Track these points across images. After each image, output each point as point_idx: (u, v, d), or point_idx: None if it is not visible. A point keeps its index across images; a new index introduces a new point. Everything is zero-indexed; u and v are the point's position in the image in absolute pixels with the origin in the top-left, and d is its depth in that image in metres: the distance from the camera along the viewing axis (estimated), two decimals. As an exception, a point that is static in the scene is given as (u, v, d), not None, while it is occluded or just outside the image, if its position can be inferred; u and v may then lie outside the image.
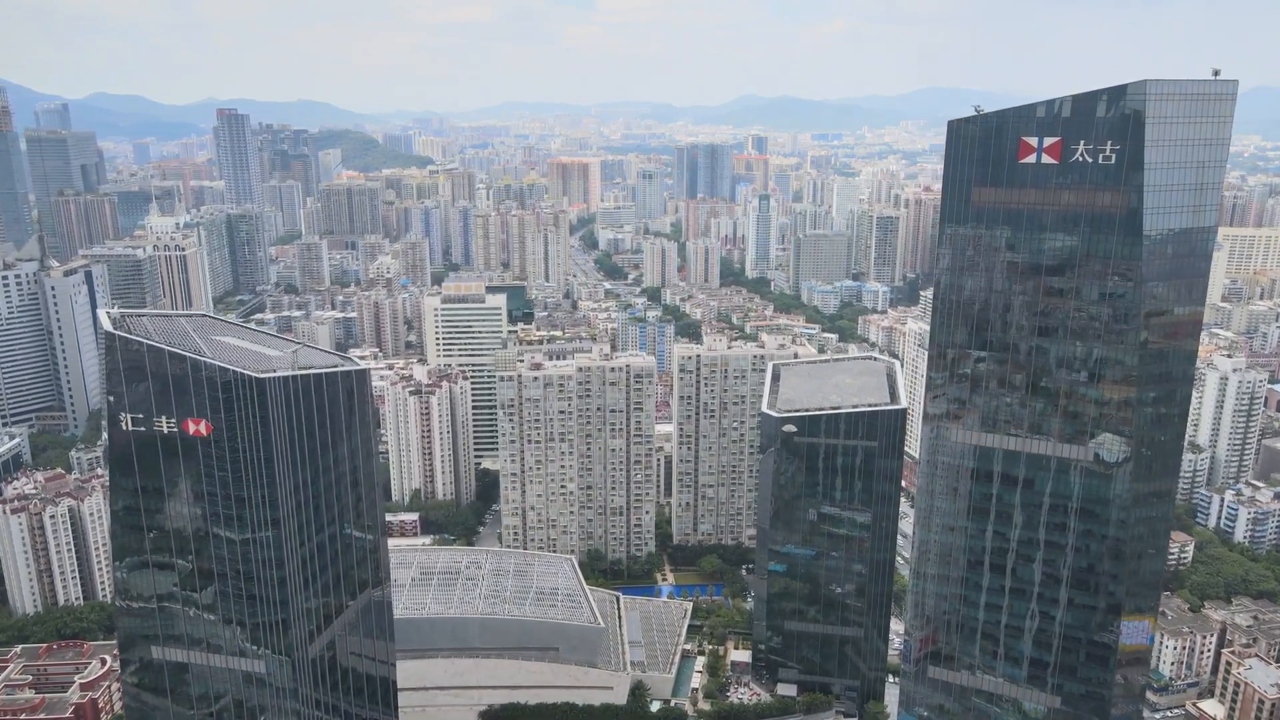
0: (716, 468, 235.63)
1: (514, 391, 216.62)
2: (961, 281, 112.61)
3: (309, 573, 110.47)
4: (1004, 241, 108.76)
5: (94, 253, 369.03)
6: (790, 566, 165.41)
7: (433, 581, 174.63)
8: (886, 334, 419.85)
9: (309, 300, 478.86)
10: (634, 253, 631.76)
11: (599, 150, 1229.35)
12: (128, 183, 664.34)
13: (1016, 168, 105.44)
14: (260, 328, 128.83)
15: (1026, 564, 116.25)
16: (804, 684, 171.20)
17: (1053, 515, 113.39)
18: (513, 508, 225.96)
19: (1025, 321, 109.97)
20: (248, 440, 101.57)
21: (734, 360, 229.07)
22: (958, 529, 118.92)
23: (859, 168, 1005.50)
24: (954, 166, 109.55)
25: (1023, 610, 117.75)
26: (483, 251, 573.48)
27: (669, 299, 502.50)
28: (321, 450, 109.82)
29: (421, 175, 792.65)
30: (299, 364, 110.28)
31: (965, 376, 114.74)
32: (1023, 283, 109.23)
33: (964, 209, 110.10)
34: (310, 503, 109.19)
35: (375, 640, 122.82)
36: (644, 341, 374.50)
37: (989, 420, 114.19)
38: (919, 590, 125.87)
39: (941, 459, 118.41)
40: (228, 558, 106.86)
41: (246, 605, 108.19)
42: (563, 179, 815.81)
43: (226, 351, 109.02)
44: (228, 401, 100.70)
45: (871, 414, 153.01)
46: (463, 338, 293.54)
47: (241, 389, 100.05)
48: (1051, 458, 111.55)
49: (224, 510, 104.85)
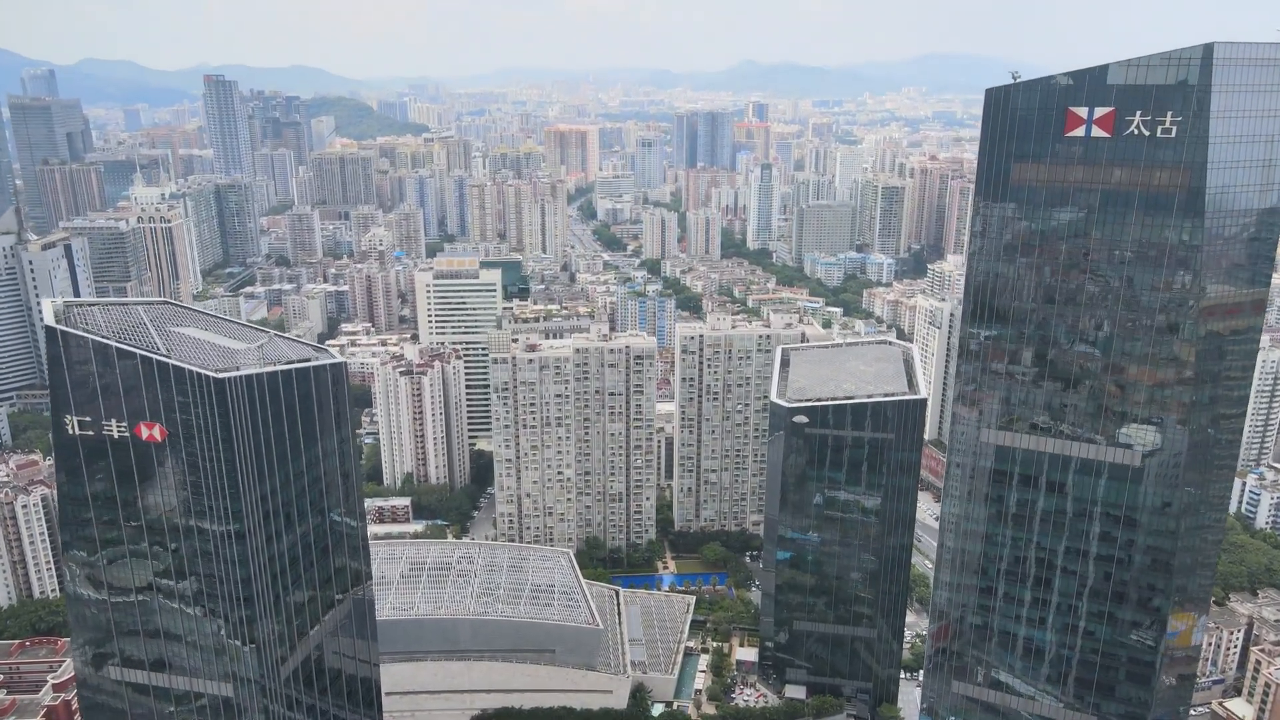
0: (720, 452, 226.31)
1: (508, 374, 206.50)
2: (997, 268, 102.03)
3: (280, 587, 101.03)
4: (1046, 224, 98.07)
5: (75, 225, 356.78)
6: (799, 561, 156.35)
7: (422, 578, 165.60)
8: (892, 308, 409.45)
9: (300, 273, 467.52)
10: (633, 223, 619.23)
11: (597, 118, 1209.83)
12: (115, 151, 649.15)
13: (1062, 142, 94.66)
14: (229, 316, 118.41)
15: (1063, 575, 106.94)
16: (813, 685, 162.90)
17: (1093, 523, 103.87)
18: (508, 495, 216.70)
19: (1068, 313, 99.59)
20: (207, 446, 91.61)
21: (739, 340, 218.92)
22: (989, 536, 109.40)
23: (861, 135, 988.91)
24: (991, 140, 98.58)
25: (1058, 624, 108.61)
26: (478, 222, 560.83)
27: (669, 271, 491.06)
28: (293, 453, 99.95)
29: (416, 144, 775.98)
30: (266, 358, 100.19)
31: (1000, 373, 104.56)
32: (1067, 270, 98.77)
33: (1002, 187, 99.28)
34: (281, 511, 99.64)
35: (357, 640, 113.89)
36: (644, 317, 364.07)
37: (1025, 420, 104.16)
38: (944, 600, 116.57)
39: (971, 461, 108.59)
40: (189, 572, 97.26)
41: (210, 623, 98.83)
42: (560, 147, 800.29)
43: (186, 346, 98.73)
44: (184, 404, 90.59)
45: (888, 404, 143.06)
46: (456, 314, 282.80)
47: (199, 389, 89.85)
48: (1093, 461, 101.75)
49: (183, 523, 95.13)
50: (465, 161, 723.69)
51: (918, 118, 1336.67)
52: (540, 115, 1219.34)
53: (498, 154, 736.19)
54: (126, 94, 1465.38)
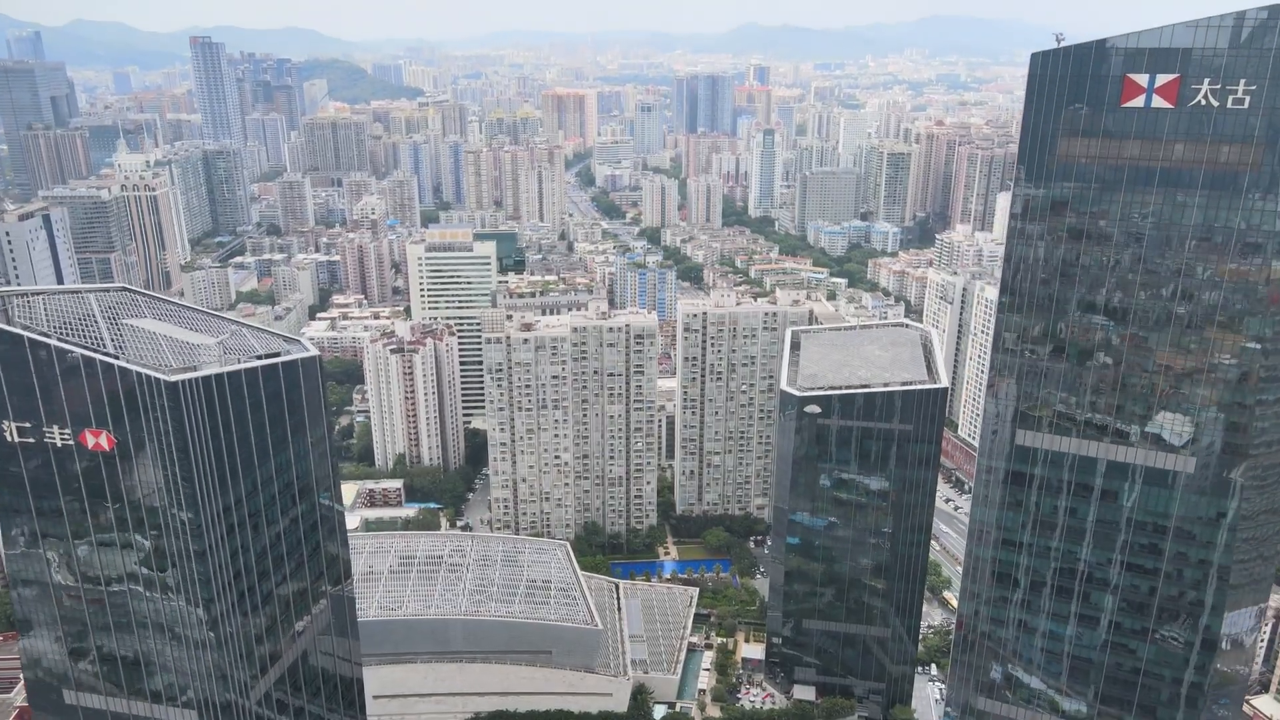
0: (723, 434, 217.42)
1: (502, 355, 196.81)
2: (1039, 254, 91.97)
3: (249, 605, 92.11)
4: (1096, 205, 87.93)
5: (55, 194, 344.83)
6: (809, 554, 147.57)
7: (412, 572, 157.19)
8: (898, 279, 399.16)
9: (291, 242, 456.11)
10: (632, 190, 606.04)
11: (595, 81, 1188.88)
12: (101, 116, 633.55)
13: (1118, 113, 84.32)
14: (193, 305, 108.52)
15: (1103, 589, 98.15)
16: (822, 685, 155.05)
17: (1139, 534, 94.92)
18: (502, 479, 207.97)
19: (1119, 304, 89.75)
20: (161, 456, 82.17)
21: (744, 318, 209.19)
22: (1023, 545, 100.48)
23: (864, 99, 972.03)
24: (1035, 111, 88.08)
25: (1094, 641, 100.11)
26: (474, 189, 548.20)
27: (669, 240, 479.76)
28: (261, 459, 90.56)
29: (410, 108, 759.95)
30: (231, 353, 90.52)
31: (1040, 370, 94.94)
32: (1118, 257, 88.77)
33: (1046, 164, 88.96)
34: (247, 523, 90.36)
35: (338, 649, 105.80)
36: (644, 289, 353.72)
37: (1067, 422, 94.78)
38: (971, 612, 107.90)
39: (1004, 465, 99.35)
40: (146, 592, 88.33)
41: (173, 649, 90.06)
42: (558, 112, 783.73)
43: (140, 342, 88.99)
44: (133, 409, 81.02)
45: (908, 394, 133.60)
46: (449, 289, 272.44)
47: (150, 394, 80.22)
48: (1143, 466, 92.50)
49: (136, 538, 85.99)
50: (461, 127, 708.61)
51: (921, 80, 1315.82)
52: (537, 79, 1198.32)
53: (494, 119, 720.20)
54: (117, 56, 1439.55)
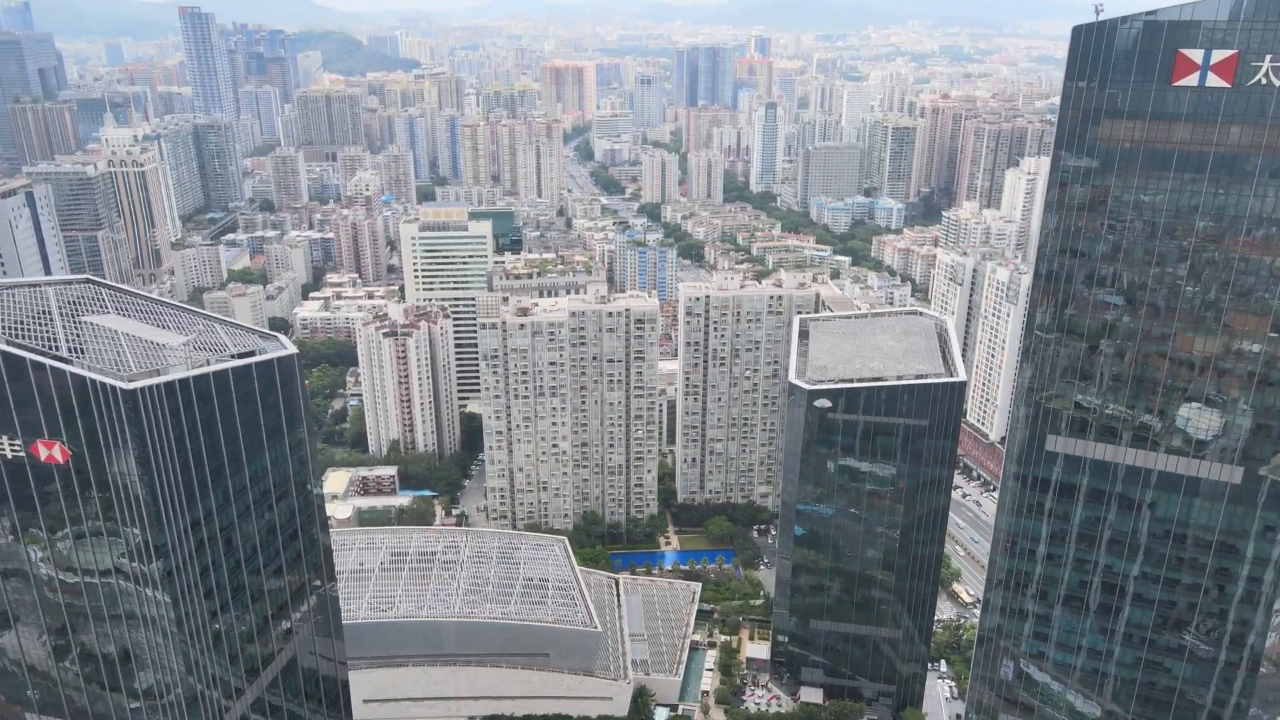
0: (726, 420, 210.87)
1: (498, 341, 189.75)
2: (1076, 247, 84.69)
3: (221, 622, 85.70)
4: (1142, 194, 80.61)
5: (39, 170, 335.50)
6: (816, 552, 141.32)
7: (404, 570, 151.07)
8: (903, 257, 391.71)
9: (285, 218, 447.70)
10: (632, 164, 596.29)
11: (594, 53, 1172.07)
12: (90, 88, 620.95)
13: (1168, 93, 76.81)
14: (163, 298, 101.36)
15: (1136, 605, 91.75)
16: (830, 687, 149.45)
17: (1179, 548, 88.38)
18: (499, 469, 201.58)
19: (1163, 303, 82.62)
20: (119, 468, 75.34)
21: (748, 302, 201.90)
22: (1053, 558, 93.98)
23: (866, 71, 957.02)
24: (1076, 90, 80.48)
25: (1129, 659, 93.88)
26: (471, 164, 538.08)
27: (669, 217, 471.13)
28: (233, 467, 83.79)
29: (407, 80, 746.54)
30: (201, 352, 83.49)
31: (1074, 371, 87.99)
32: (1164, 251, 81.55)
33: (1086, 148, 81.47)
34: (219, 537, 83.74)
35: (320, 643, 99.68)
36: (644, 267, 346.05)
37: (1103, 428, 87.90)
38: (993, 625, 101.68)
39: (1033, 471, 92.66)
40: (106, 615, 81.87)
41: (139, 676, 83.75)
42: (556, 84, 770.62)
43: (100, 342, 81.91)
44: (88, 418, 74.12)
45: (924, 387, 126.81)
46: (444, 269, 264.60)
47: (107, 402, 73.26)
48: (1184, 477, 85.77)
49: (97, 558, 79.38)
50: (457, 100, 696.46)
51: (923, 52, 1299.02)
52: (535, 50, 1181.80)
53: (491, 92, 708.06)
54: (109, 26, 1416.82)
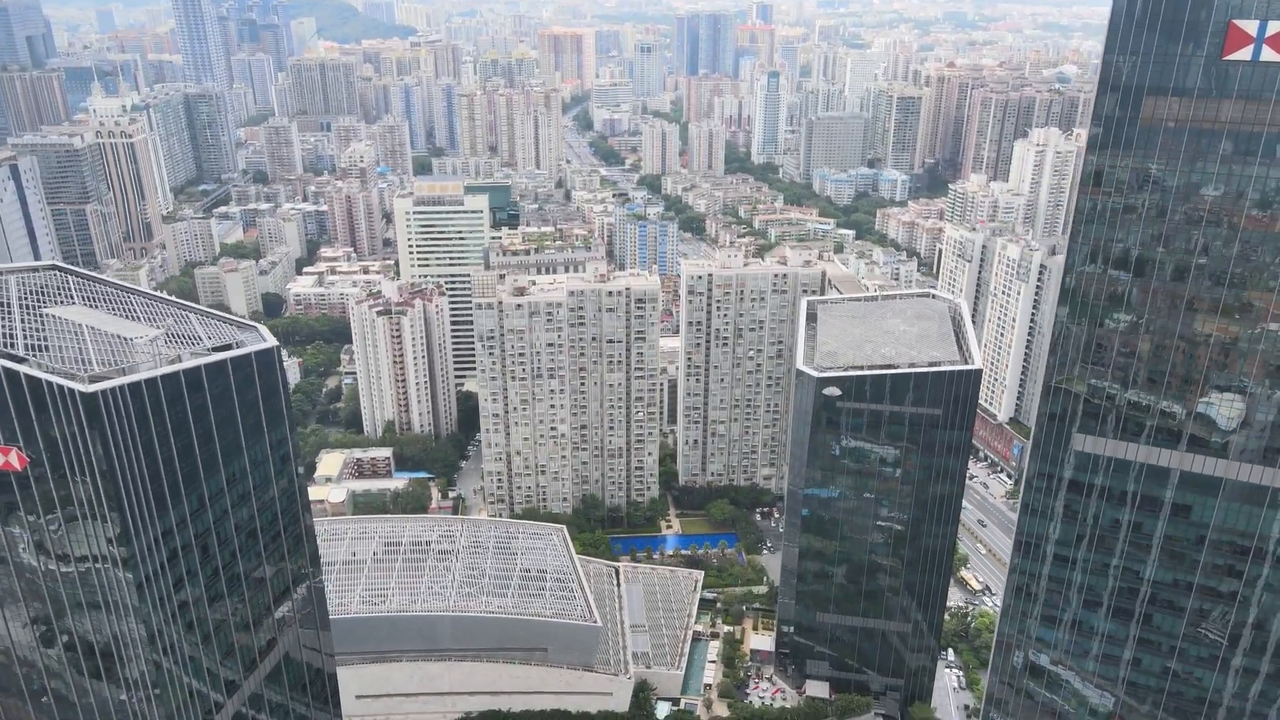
0: (729, 402, 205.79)
1: (494, 321, 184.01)
2: (1114, 234, 78.71)
3: (197, 637, 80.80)
4: (1186, 178, 74.57)
5: (24, 142, 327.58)
6: (823, 543, 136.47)
7: (398, 561, 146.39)
8: (908, 230, 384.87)
9: (278, 190, 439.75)
10: (632, 134, 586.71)
11: (593, 19, 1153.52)
12: (80, 56, 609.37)
13: (1218, 68, 70.65)
14: (135, 287, 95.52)
15: (1168, 613, 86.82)
16: (836, 681, 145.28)
17: (1217, 555, 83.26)
18: (496, 452, 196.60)
19: (1207, 294, 76.85)
20: (82, 477, 69.94)
21: (752, 280, 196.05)
22: (1079, 562, 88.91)
23: (869, 38, 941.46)
24: (1116, 64, 74.18)
25: (1157, 668, 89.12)
26: (468, 135, 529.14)
27: (670, 189, 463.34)
28: (208, 471, 78.50)
29: (402, 48, 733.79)
30: (171, 345, 77.95)
31: (1107, 366, 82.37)
32: (1211, 238, 75.65)
33: (1127, 127, 75.29)
34: (194, 546, 78.67)
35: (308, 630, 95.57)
36: (644, 242, 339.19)
37: (1139, 427, 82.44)
38: (1014, 631, 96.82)
39: (1062, 472, 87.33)
40: (74, 630, 76.86)
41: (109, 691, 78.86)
42: (555, 52, 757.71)
43: (63, 336, 76.38)
44: (45, 423, 68.62)
45: (938, 375, 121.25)
46: (439, 245, 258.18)
47: (65, 406, 67.71)
48: (1224, 480, 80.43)
49: (61, 571, 74.17)
50: (454, 68, 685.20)
51: (927, 19, 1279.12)
52: (534, 16, 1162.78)
53: (488, 60, 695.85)
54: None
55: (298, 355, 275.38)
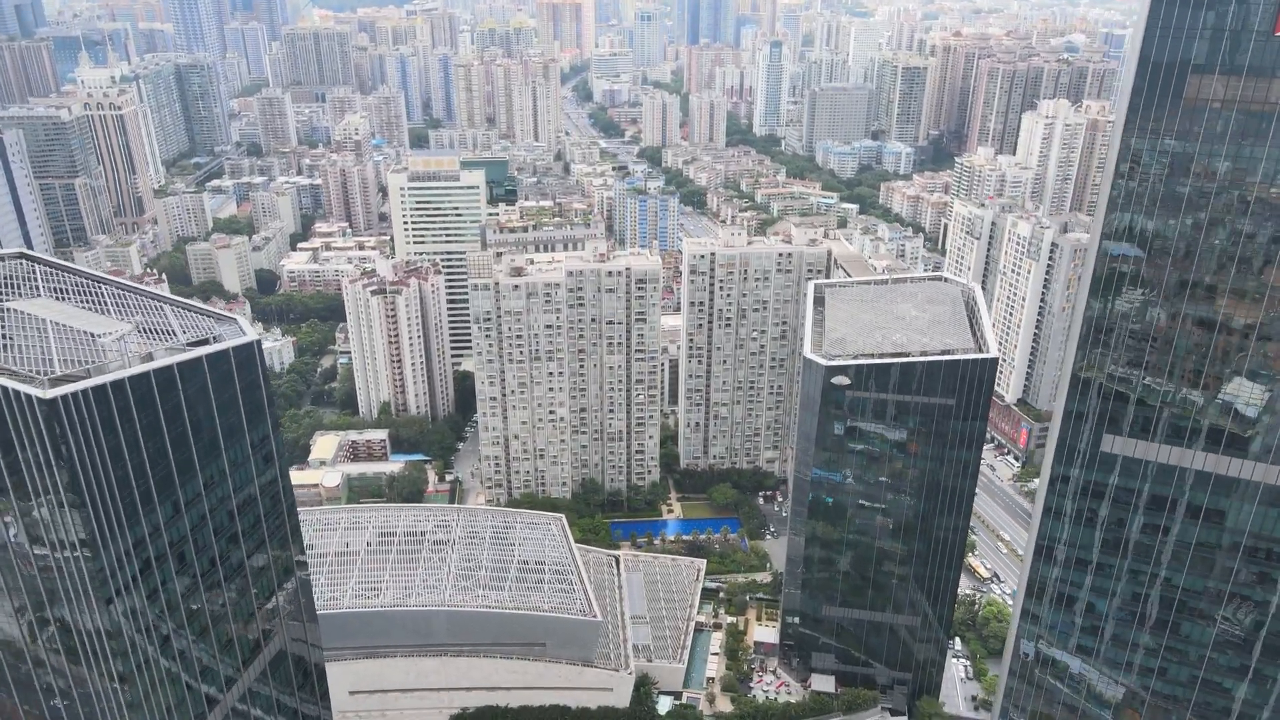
0: (732, 383, 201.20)
1: (491, 303, 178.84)
2: (1149, 223, 73.53)
3: (175, 650, 76.58)
4: (1232, 163, 69.31)
5: (9, 114, 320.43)
6: (829, 535, 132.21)
7: (392, 551, 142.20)
8: (913, 204, 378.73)
9: (272, 163, 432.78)
10: (631, 105, 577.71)
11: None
12: (70, 25, 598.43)
13: (1268, 46, 65.12)
14: (107, 276, 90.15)
15: (1196, 621, 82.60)
16: (842, 674, 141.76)
17: (1251, 561, 78.88)
18: (493, 436, 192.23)
19: (1251, 286, 71.85)
20: (44, 487, 65.26)
21: (755, 259, 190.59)
22: (1104, 568, 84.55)
23: (872, 6, 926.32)
24: (1156, 41, 68.67)
25: (1183, 676, 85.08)
26: (465, 106, 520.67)
27: (670, 161, 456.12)
28: (182, 475, 73.77)
29: (398, 16, 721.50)
30: (142, 342, 73.02)
31: (1139, 363, 77.50)
32: (1256, 226, 70.50)
33: (1169, 108, 69.88)
34: (168, 555, 74.06)
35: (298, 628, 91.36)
36: (644, 217, 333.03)
37: (1173, 428, 77.72)
38: (1033, 638, 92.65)
39: (1086, 474, 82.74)
40: (45, 647, 72.57)
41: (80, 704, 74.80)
42: (553, 20, 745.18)
43: (25, 332, 71.36)
44: (3, 430, 63.83)
45: (951, 364, 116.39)
46: (435, 222, 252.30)
47: (22, 412, 62.87)
48: (1261, 484, 75.86)
49: (25, 585, 69.74)
50: (451, 37, 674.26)
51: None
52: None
53: (486, 28, 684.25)
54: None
55: (292, 334, 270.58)
